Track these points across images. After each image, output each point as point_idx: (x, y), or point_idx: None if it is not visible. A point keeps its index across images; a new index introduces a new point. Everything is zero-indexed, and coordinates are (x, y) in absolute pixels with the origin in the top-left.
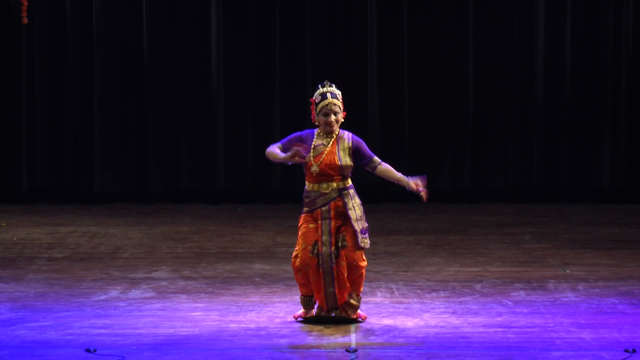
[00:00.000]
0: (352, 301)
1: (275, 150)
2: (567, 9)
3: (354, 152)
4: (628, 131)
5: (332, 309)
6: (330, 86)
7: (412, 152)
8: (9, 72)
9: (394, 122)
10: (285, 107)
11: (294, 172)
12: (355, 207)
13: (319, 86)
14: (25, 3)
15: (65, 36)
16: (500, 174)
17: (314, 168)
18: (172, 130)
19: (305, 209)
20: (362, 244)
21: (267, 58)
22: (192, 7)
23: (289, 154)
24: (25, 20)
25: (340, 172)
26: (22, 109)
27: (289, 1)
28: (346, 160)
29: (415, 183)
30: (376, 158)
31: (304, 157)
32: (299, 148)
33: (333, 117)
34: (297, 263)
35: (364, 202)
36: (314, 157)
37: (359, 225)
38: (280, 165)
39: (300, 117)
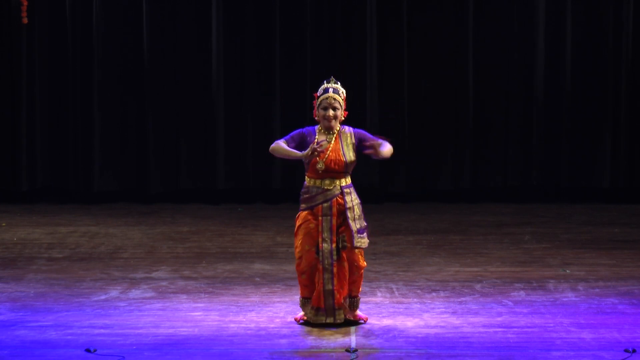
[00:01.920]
0: (350, 300)
1: (284, 146)
2: (567, 9)
3: (359, 144)
4: (628, 131)
5: (329, 308)
6: (335, 83)
7: (412, 152)
8: (9, 72)
9: (393, 122)
10: (285, 106)
11: (294, 172)
12: (354, 206)
13: (325, 81)
14: (25, 3)
15: (65, 36)
16: (500, 174)
17: (320, 165)
18: (172, 130)
19: (302, 205)
20: (358, 244)
21: (267, 58)
22: (192, 7)
23: (308, 150)
24: (25, 20)
25: (345, 168)
26: (22, 109)
27: (289, 1)
28: (350, 156)
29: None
30: (381, 141)
31: (323, 151)
32: (317, 147)
33: (331, 112)
34: (303, 265)
35: (364, 202)
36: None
37: (357, 224)
38: (281, 164)
39: (300, 117)
